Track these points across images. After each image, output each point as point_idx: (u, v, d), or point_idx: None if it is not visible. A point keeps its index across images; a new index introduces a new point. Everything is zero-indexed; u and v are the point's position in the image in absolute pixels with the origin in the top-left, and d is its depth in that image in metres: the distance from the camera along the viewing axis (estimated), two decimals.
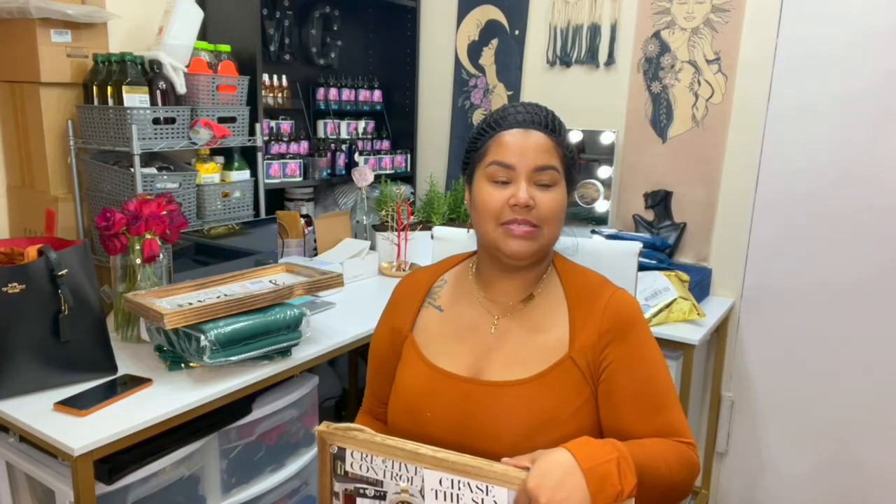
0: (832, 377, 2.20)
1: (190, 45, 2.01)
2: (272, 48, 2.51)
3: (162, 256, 1.70)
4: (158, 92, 1.93)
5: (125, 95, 1.84)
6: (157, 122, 1.88)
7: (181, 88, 1.97)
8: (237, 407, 1.64)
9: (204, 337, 1.43)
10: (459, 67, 2.83)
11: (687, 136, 2.35)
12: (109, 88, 1.86)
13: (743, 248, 2.30)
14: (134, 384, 1.46)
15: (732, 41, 2.23)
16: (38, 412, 1.33)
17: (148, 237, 1.65)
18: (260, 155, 2.20)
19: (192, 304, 1.49)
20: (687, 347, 1.97)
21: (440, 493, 0.92)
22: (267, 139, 2.40)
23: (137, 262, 1.66)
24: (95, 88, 1.88)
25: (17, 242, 1.49)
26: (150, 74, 1.93)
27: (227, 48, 2.14)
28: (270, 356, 1.60)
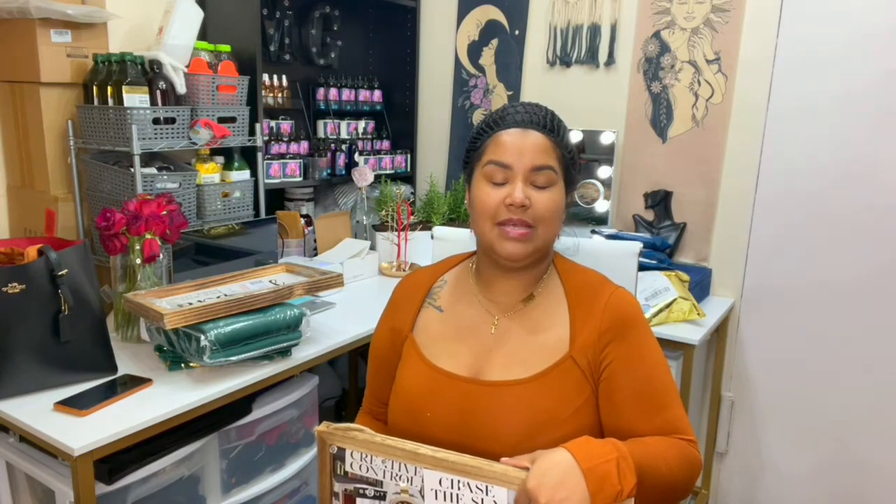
0: (832, 377, 2.20)
1: (190, 45, 2.02)
2: (272, 48, 2.51)
3: (162, 256, 1.70)
4: (158, 92, 1.93)
5: (125, 95, 1.84)
6: (157, 122, 1.88)
7: (181, 88, 1.97)
8: (237, 407, 1.64)
9: (204, 337, 1.43)
10: (459, 67, 2.83)
11: (687, 136, 2.35)
12: (109, 88, 1.86)
13: (743, 248, 2.30)
14: (134, 384, 1.46)
15: (732, 41, 2.23)
16: (38, 412, 1.33)
17: (148, 237, 1.65)
18: (260, 155, 2.20)
19: (192, 304, 1.49)
20: (687, 347, 1.97)
21: (440, 493, 0.92)
22: (267, 139, 2.40)
23: (137, 262, 1.66)
24: (95, 88, 1.88)
25: (17, 242, 1.49)
26: (150, 74, 1.93)
27: (227, 48, 2.14)
28: (270, 356, 1.60)
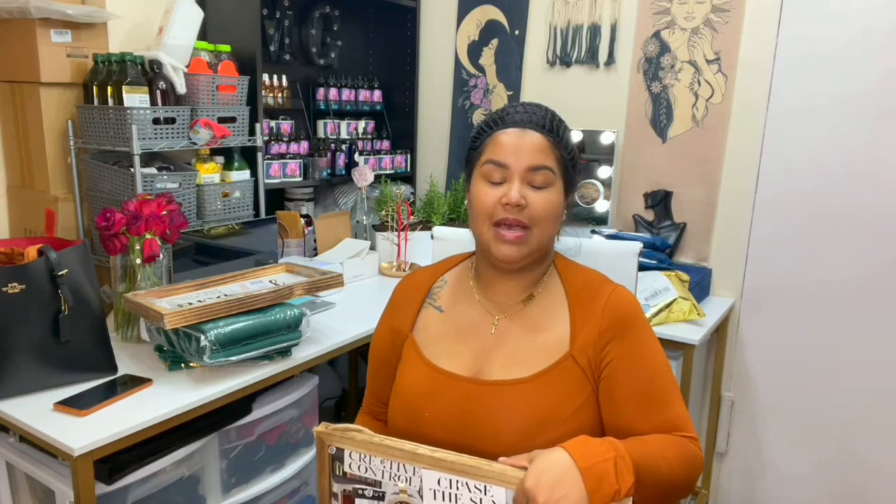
0: (832, 377, 2.20)
1: (190, 45, 2.02)
2: (272, 48, 2.51)
3: (162, 256, 1.71)
4: (158, 92, 1.93)
5: (125, 95, 1.84)
6: (157, 122, 1.88)
7: (181, 88, 1.97)
8: (237, 407, 1.64)
9: (204, 337, 1.43)
10: (459, 67, 2.83)
11: (687, 136, 2.35)
12: (109, 88, 1.86)
13: (743, 248, 2.30)
14: (134, 384, 1.46)
15: (732, 41, 2.23)
16: (38, 412, 1.33)
17: (148, 237, 1.65)
18: (260, 155, 2.20)
19: (192, 304, 1.49)
20: (687, 347, 1.97)
21: (438, 493, 0.92)
22: (267, 139, 2.40)
23: (137, 262, 1.66)
24: (95, 88, 1.88)
25: (17, 242, 1.49)
26: (150, 74, 1.93)
27: (227, 48, 2.14)
28: (270, 356, 1.60)
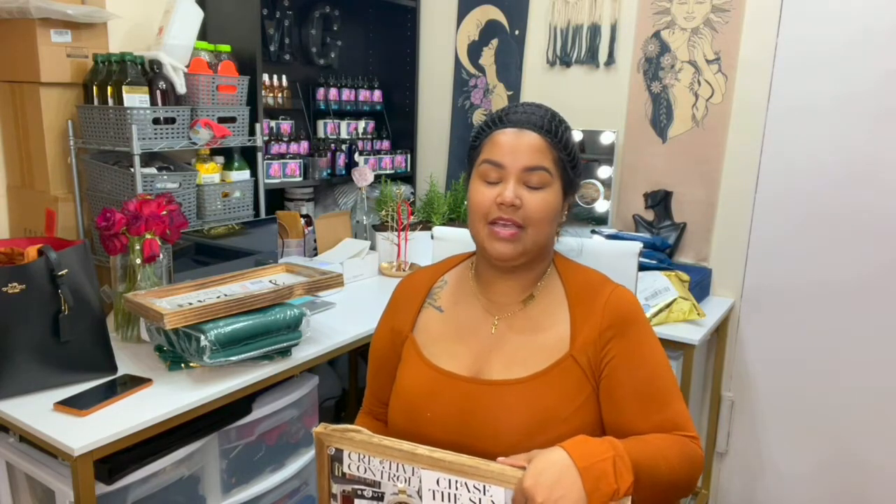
0: (832, 377, 2.19)
1: (190, 45, 2.02)
2: (272, 48, 2.51)
3: (162, 256, 1.71)
4: (158, 92, 1.93)
5: (125, 95, 1.84)
6: (157, 122, 1.88)
7: (181, 88, 1.97)
8: (237, 407, 1.64)
9: (204, 337, 1.43)
10: (459, 67, 2.83)
11: (687, 136, 2.35)
12: (109, 88, 1.86)
13: (743, 248, 2.30)
14: (134, 384, 1.46)
15: (732, 41, 2.23)
16: (38, 412, 1.33)
17: (148, 237, 1.65)
18: (260, 155, 2.20)
19: (192, 304, 1.49)
20: (687, 347, 1.97)
21: (438, 493, 0.92)
22: (267, 139, 2.40)
23: (137, 262, 1.66)
24: (95, 88, 1.89)
25: (17, 242, 1.49)
26: (150, 74, 1.93)
27: (227, 48, 2.14)
28: (270, 356, 1.60)
